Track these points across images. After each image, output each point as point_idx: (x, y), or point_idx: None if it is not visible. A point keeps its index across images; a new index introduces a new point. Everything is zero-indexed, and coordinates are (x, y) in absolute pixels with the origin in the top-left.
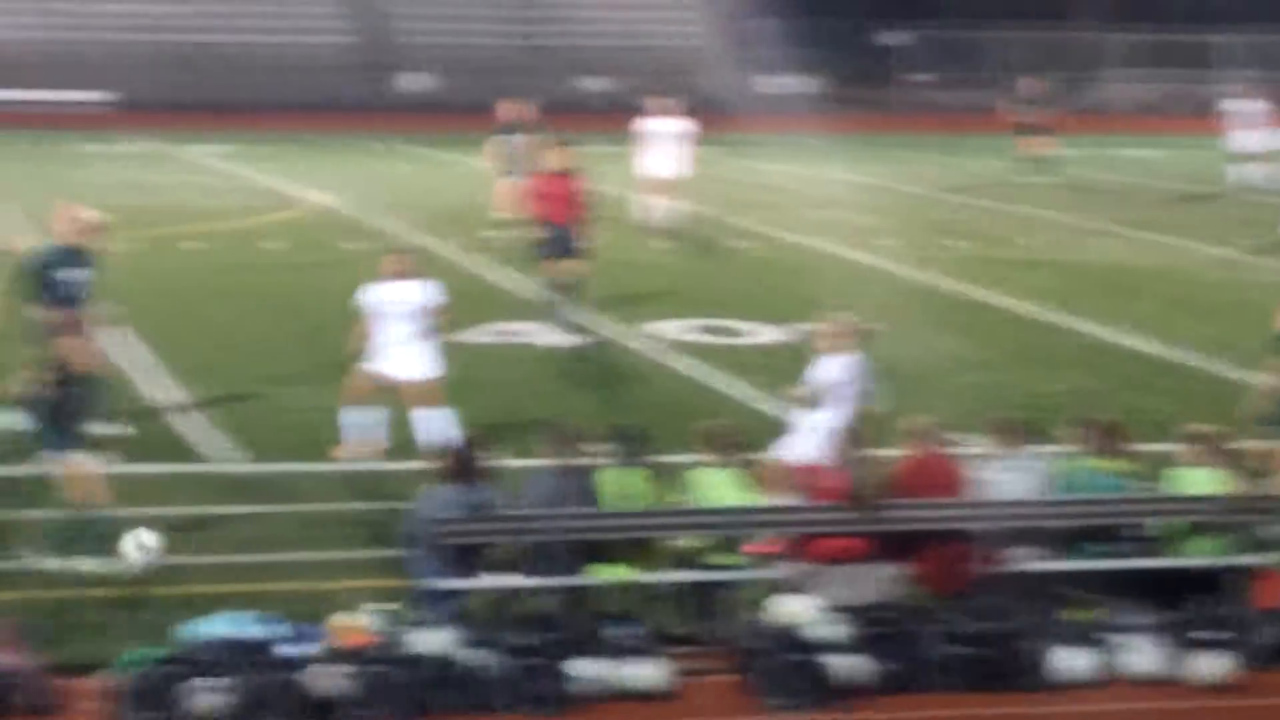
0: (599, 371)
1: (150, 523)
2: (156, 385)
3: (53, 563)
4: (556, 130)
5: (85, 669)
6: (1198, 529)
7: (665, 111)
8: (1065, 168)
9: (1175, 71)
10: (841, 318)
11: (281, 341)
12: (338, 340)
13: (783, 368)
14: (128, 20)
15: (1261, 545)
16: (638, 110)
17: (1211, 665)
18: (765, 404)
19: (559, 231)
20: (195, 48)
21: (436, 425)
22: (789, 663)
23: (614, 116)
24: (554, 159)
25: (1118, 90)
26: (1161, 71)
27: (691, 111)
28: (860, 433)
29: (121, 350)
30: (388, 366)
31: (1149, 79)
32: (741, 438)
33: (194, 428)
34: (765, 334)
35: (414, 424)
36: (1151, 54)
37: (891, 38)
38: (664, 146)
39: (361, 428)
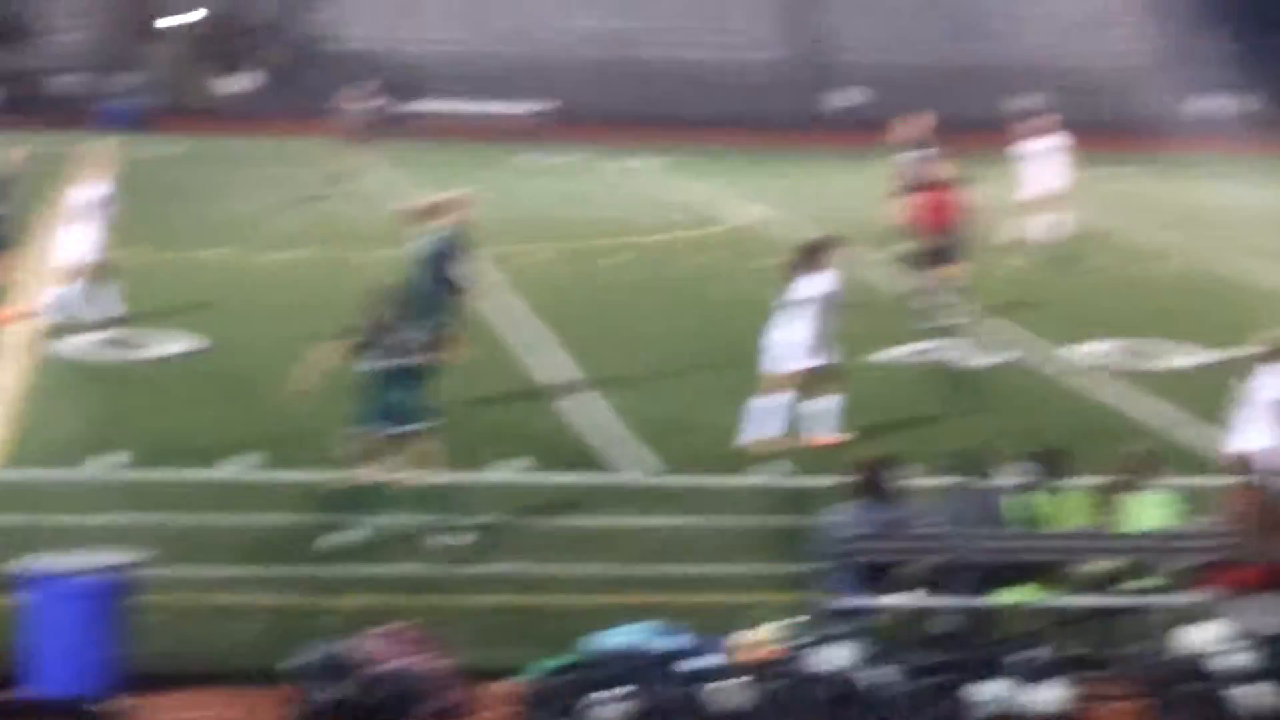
0: (1011, 391)
1: (556, 534)
2: (573, 394)
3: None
4: (959, 147)
5: (495, 674)
6: None
7: (1043, 129)
8: None
9: None
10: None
11: (698, 354)
12: (755, 353)
13: (1202, 393)
14: (562, 33)
15: None
16: (1072, 128)
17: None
18: (1187, 429)
19: (938, 240)
20: (629, 62)
21: (818, 415)
22: (1192, 692)
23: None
24: (937, 171)
25: None
26: None
27: (1097, 128)
28: None
29: (544, 360)
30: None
31: None
32: (1161, 462)
33: (606, 436)
34: (1183, 358)
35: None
36: None
37: None
38: (1045, 163)
39: (760, 420)
